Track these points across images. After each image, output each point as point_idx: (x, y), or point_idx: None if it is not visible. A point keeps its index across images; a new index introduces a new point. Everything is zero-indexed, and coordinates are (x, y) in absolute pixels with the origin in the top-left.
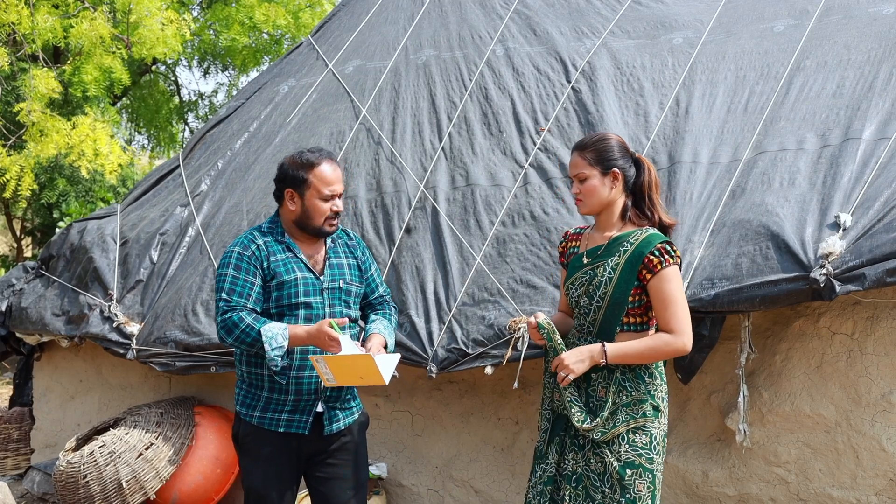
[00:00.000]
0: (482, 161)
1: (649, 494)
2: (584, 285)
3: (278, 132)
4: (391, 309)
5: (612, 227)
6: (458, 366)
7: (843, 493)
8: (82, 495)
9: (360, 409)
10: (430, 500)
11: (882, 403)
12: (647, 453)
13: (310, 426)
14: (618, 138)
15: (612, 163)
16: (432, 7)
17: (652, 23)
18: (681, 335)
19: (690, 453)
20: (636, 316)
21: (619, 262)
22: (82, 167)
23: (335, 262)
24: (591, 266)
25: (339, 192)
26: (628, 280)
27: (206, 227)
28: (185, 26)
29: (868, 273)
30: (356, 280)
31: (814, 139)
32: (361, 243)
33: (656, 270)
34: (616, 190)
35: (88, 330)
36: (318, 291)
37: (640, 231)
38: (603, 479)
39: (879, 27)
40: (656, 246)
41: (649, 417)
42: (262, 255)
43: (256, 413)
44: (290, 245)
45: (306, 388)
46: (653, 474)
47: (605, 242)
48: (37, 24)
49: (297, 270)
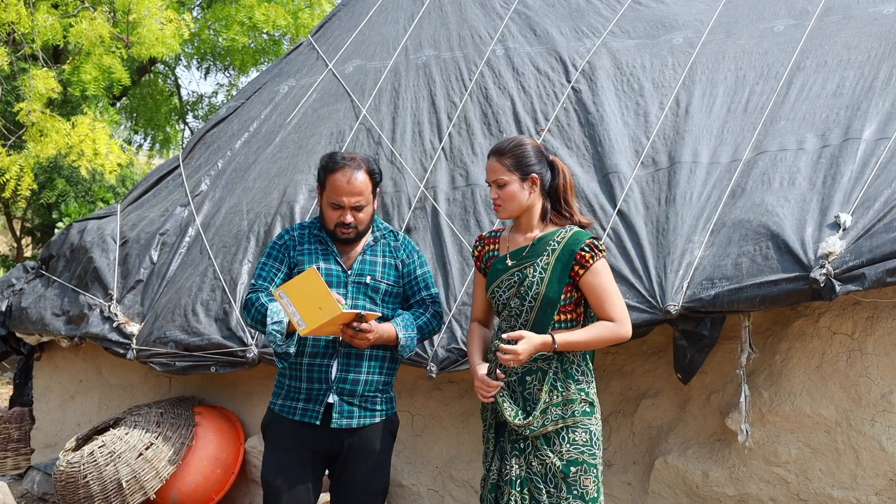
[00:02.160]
0: (482, 161)
1: (595, 488)
2: (513, 287)
3: (278, 132)
4: (427, 310)
5: (534, 229)
6: (458, 366)
7: (843, 493)
8: (82, 495)
9: (388, 415)
10: (430, 500)
11: (882, 403)
12: (589, 449)
13: (321, 416)
14: (533, 142)
15: (530, 168)
16: (432, 7)
17: (652, 23)
18: (623, 323)
19: (690, 453)
20: (567, 313)
21: (550, 262)
22: (82, 167)
23: (369, 258)
24: (518, 268)
25: (350, 204)
26: (560, 278)
27: (206, 227)
28: (184, 26)
29: (868, 273)
30: (389, 279)
31: (814, 139)
32: (409, 246)
33: (588, 265)
34: (534, 194)
35: (88, 330)
36: (343, 283)
37: (564, 230)
38: (546, 480)
39: (879, 27)
40: (585, 242)
41: (582, 416)
42: (292, 244)
43: (279, 401)
44: (324, 239)
45: (317, 376)
46: (596, 469)
47: (529, 244)
48: (36, 24)
49: (323, 261)
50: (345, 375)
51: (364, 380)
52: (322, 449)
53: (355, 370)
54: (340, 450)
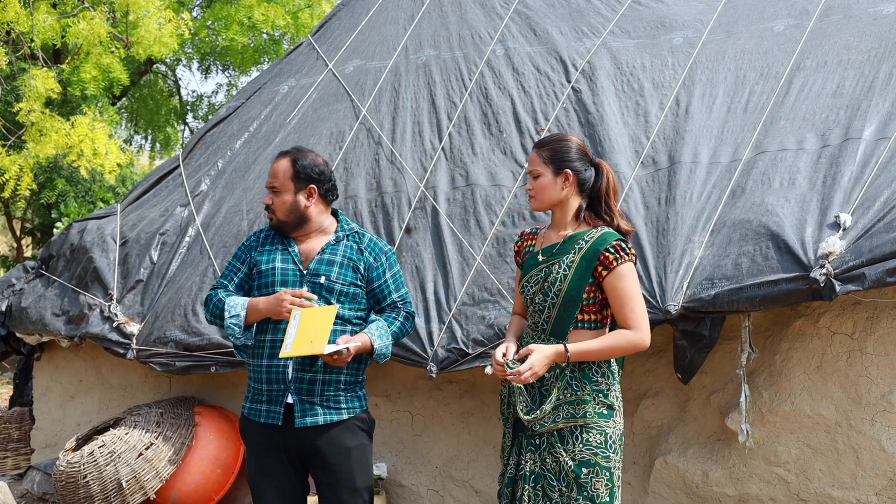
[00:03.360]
0: (482, 161)
1: (607, 492)
2: (539, 282)
3: (278, 132)
4: (398, 314)
5: (567, 227)
6: (458, 366)
7: (843, 493)
8: (82, 495)
9: (355, 413)
10: (430, 500)
11: (882, 403)
12: (603, 451)
13: (282, 417)
14: (577, 140)
15: (565, 163)
16: (432, 7)
17: (652, 23)
18: (640, 331)
19: (690, 453)
20: (591, 313)
21: (574, 260)
22: (81, 167)
23: (326, 258)
24: (546, 263)
25: (267, 184)
26: (583, 277)
27: (206, 227)
28: (183, 25)
29: (868, 273)
30: (345, 280)
31: (814, 139)
32: (376, 249)
33: (612, 267)
34: (568, 190)
35: (88, 330)
36: (298, 283)
37: (594, 230)
38: (559, 478)
39: (879, 27)
40: (611, 243)
41: (598, 418)
42: (255, 244)
43: (248, 404)
44: (285, 239)
45: (275, 377)
46: (610, 472)
47: (560, 241)
48: (35, 24)
49: (280, 261)
50: (301, 375)
51: (322, 379)
52: (294, 449)
53: (311, 370)
54: (313, 450)
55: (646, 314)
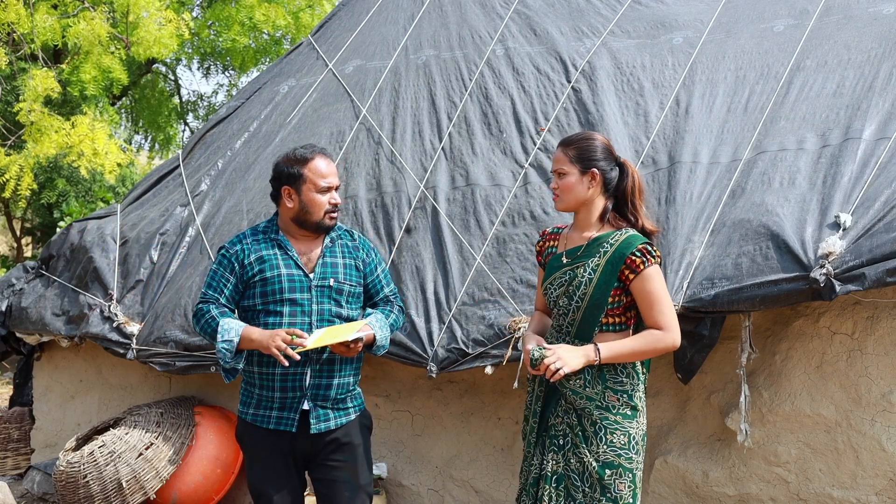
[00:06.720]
0: (482, 161)
1: (630, 493)
2: (563, 286)
3: (278, 132)
4: (393, 307)
5: (591, 228)
6: (458, 366)
7: (843, 493)
8: (82, 495)
9: (360, 411)
10: (430, 500)
11: (882, 403)
12: (626, 453)
13: (297, 424)
14: (603, 139)
15: (591, 163)
16: (432, 7)
17: (652, 23)
18: (670, 331)
19: (690, 453)
20: (615, 316)
21: (600, 263)
22: (81, 167)
23: (329, 260)
24: (570, 266)
25: (336, 185)
26: (608, 281)
27: (206, 227)
28: (183, 26)
29: (868, 273)
30: (351, 280)
31: (814, 139)
32: (367, 245)
33: (639, 271)
34: (594, 190)
35: (88, 330)
36: (306, 288)
37: (619, 232)
38: (583, 479)
39: (879, 27)
40: (637, 247)
41: (622, 419)
42: (244, 255)
43: (251, 410)
44: (282, 243)
45: (291, 385)
46: (633, 473)
47: (585, 243)
48: (36, 24)
49: (284, 267)
50: (319, 381)
51: (337, 384)
52: (301, 453)
53: (328, 376)
54: (320, 450)
55: (675, 314)
